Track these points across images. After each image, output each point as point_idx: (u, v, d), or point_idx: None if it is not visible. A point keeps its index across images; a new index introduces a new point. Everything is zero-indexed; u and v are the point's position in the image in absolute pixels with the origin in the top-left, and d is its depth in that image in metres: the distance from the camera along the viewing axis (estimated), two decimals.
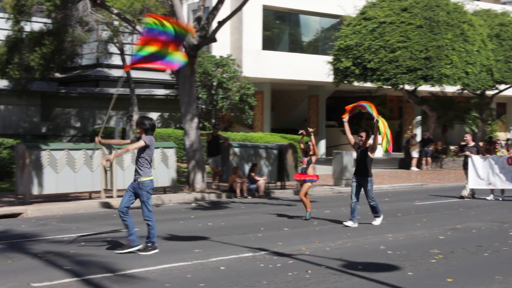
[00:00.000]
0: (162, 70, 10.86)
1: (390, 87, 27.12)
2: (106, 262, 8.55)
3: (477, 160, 17.21)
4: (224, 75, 26.79)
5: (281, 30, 32.48)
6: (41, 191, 14.97)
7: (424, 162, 27.72)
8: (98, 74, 29.67)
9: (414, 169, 27.21)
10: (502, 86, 31.78)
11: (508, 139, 35.49)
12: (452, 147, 30.61)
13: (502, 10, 33.20)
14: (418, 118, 36.55)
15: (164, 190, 17.33)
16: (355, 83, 27.91)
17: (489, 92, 31.71)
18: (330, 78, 28.33)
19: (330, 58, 28.11)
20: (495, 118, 38.01)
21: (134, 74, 27.74)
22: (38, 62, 23.27)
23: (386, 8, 26.48)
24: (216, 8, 17.85)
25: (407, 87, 27.75)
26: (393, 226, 12.13)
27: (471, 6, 29.50)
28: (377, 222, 12.35)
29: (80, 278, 7.62)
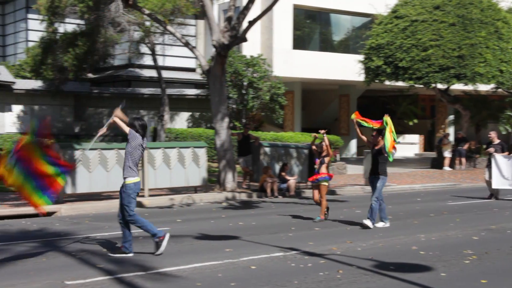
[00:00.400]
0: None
1: (422, 86, 26.83)
2: (138, 260, 8.63)
3: (500, 159, 16.60)
4: (254, 75, 26.81)
5: (311, 29, 32.38)
6: (74, 190, 15.16)
7: (457, 161, 27.35)
8: (130, 74, 29.95)
9: (447, 168, 26.87)
10: None
11: None
12: (485, 146, 30.16)
13: None
14: (451, 117, 36.09)
15: (195, 189, 17.42)
16: (387, 82, 27.67)
17: None
18: (361, 77, 28.15)
19: (361, 57, 27.93)
20: None
21: (165, 74, 27.94)
22: (71, 63, 23.61)
23: (418, 6, 26.20)
24: (246, 7, 17.86)
25: (440, 86, 27.42)
26: (425, 226, 11.99)
27: (506, 4, 29.01)
28: (367, 222, 11.59)
29: (112, 276, 7.70)
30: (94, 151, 15.50)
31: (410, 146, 36.42)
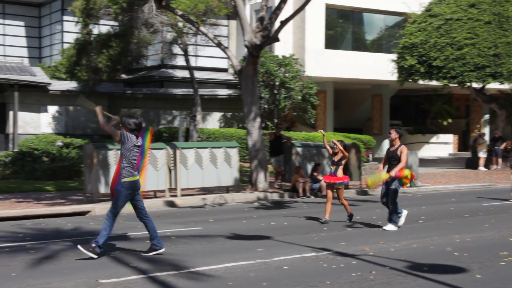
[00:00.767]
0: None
1: (456, 85, 26.49)
2: (171, 259, 8.68)
3: None
4: (286, 75, 26.78)
5: (344, 29, 32.22)
6: (108, 190, 15.31)
7: (494, 161, 26.92)
8: (162, 75, 30.18)
9: (482, 169, 26.47)
10: None
11: None
12: None
13: None
14: (486, 116, 35.56)
15: (227, 189, 17.47)
16: (420, 82, 27.39)
17: None
18: (394, 77, 27.91)
19: (394, 56, 27.69)
20: None
21: (198, 74, 28.07)
22: (105, 64, 23.89)
23: (453, 4, 25.87)
24: (279, 7, 17.85)
25: (475, 85, 27.03)
26: (460, 227, 11.83)
27: None
28: (389, 227, 11.49)
29: (146, 275, 7.76)
30: None
31: (444, 146, 35.99)
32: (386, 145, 33.67)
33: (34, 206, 14.36)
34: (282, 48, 28.64)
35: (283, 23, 17.92)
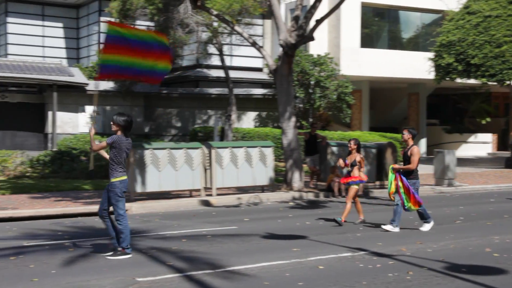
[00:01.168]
0: (145, 82, 10.60)
1: (495, 84, 26.03)
2: (206, 258, 8.72)
3: None
4: (321, 74, 26.66)
5: (380, 27, 31.94)
6: (144, 189, 15.48)
7: None
8: (198, 75, 30.34)
9: None
10: None
11: None
12: None
13: None
14: None
15: (262, 188, 17.48)
16: (458, 80, 26.99)
17: None
18: (431, 75, 27.57)
19: (431, 54, 27.34)
20: None
21: (233, 74, 28.16)
22: None
23: (492, 1, 25.43)
24: (314, 6, 17.79)
25: None
26: (499, 228, 11.62)
27: None
28: (425, 228, 11.31)
29: (182, 274, 7.81)
30: (163, 151, 15.76)
31: (483, 145, 35.41)
32: (422, 144, 33.33)
33: (72, 204, 14.58)
34: (317, 47, 28.53)
35: (318, 22, 17.84)
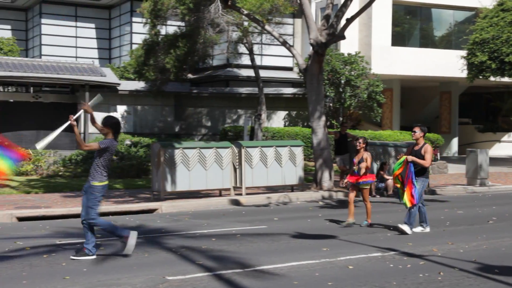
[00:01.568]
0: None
1: None
2: (236, 258, 8.74)
3: None
4: (352, 73, 26.51)
5: (411, 25, 31.63)
6: (174, 188, 15.58)
7: None
8: (228, 74, 30.42)
9: None
10: None
11: None
12: None
13: None
14: None
15: (291, 188, 17.45)
16: (491, 78, 26.59)
17: None
18: (463, 74, 27.20)
19: (464, 52, 26.99)
20: None
21: (263, 73, 28.17)
22: (172, 64, 24.25)
23: None
24: (344, 5, 17.70)
25: None
26: None
27: None
28: (404, 227, 10.83)
29: (211, 273, 7.84)
30: (193, 150, 15.84)
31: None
32: (455, 144, 32.93)
33: (103, 203, 14.70)
34: (348, 45, 28.38)
35: (349, 21, 17.75)
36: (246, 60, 28.60)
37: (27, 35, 37.05)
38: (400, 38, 30.51)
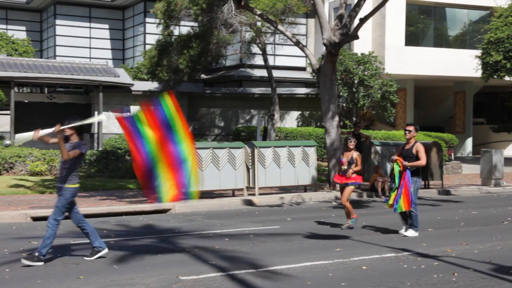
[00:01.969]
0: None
1: None
2: (249, 258, 8.74)
3: None
4: (365, 73, 26.44)
5: (425, 25, 31.48)
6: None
7: None
8: (241, 75, 30.44)
9: None
10: None
11: None
12: None
13: None
14: None
15: (304, 188, 17.43)
16: (506, 78, 26.40)
17: None
18: (478, 73, 27.03)
19: (478, 52, 26.81)
20: None
21: (276, 73, 28.15)
22: (185, 64, 24.31)
23: None
24: (358, 5, 17.65)
25: None
26: None
27: None
28: (408, 233, 10.70)
29: (224, 273, 7.85)
30: (207, 150, 15.87)
31: None
32: (469, 144, 32.72)
33: (117, 203, 14.80)
34: (361, 45, 28.30)
35: (363, 21, 17.70)
36: (259, 60, 28.60)
37: (42, 36, 37.29)
38: (414, 38, 30.38)
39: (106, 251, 8.72)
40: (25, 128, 26.19)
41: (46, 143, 8.79)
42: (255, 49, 27.71)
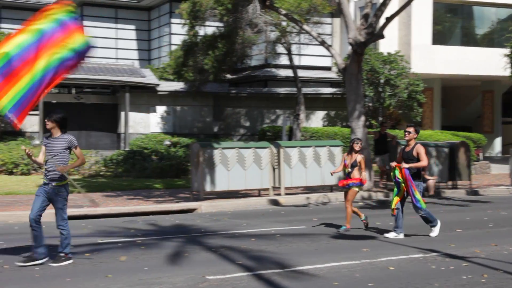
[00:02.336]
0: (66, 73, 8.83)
1: None
2: (275, 258, 8.73)
3: None
4: (391, 72, 26.25)
5: (452, 24, 31.15)
6: (213, 188, 15.65)
7: None
8: (266, 74, 30.43)
9: None
10: None
11: None
12: None
13: None
14: None
15: (331, 188, 17.37)
16: None
17: None
18: (506, 72, 26.66)
19: (507, 50, 26.44)
20: None
21: (301, 73, 28.09)
22: (211, 64, 24.39)
23: None
24: (384, 4, 17.54)
25: None
26: None
27: None
28: (433, 233, 10.55)
29: (251, 272, 7.84)
30: (232, 150, 15.89)
31: None
32: (498, 143, 32.29)
33: (144, 203, 14.90)
34: (387, 45, 28.10)
35: (389, 20, 17.58)
36: (284, 60, 28.57)
37: None
38: (440, 37, 30.08)
39: (45, 260, 8.26)
40: None
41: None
42: (280, 49, 27.68)
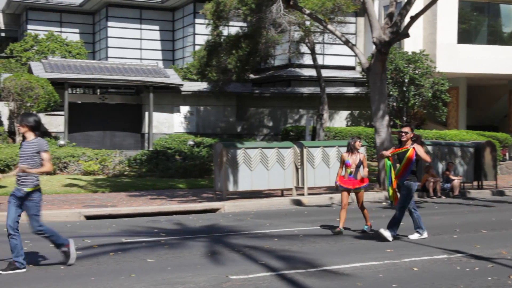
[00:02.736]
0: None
1: None
2: (298, 258, 8.71)
3: None
4: (416, 71, 26.04)
5: (478, 22, 30.80)
6: (236, 188, 15.67)
7: None
8: (289, 74, 30.40)
9: None
10: None
11: None
12: None
13: None
14: None
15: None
16: None
17: None
18: None
19: None
20: None
21: (325, 73, 28.00)
22: (234, 64, 24.42)
23: None
24: (409, 2, 17.40)
25: None
26: None
27: None
28: (413, 236, 10.47)
29: (274, 272, 7.84)
30: (255, 150, 15.90)
31: None
32: None
33: (167, 203, 14.97)
34: (412, 44, 27.88)
35: (414, 19, 17.44)
36: (308, 59, 28.51)
37: (94, 38, 38.06)
38: (466, 35, 29.76)
39: (24, 270, 7.91)
40: (78, 128, 26.86)
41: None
42: (304, 48, 27.62)
